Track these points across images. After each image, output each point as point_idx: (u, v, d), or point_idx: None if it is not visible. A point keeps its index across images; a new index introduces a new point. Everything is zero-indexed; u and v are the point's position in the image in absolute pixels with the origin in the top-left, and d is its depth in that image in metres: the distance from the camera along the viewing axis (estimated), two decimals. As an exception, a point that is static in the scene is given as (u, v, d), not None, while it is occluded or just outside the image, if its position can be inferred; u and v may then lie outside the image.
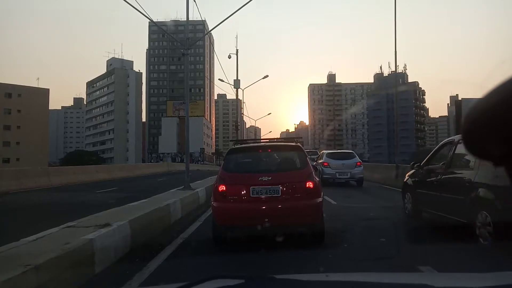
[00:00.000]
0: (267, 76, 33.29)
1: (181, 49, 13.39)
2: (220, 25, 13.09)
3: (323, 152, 17.99)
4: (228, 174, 5.68)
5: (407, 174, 8.70)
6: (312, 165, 5.94)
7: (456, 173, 6.38)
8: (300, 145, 6.28)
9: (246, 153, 6.44)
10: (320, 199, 5.47)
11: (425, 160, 7.72)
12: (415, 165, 8.07)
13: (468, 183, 5.74)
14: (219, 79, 34.22)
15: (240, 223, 5.44)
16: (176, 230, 6.80)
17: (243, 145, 7.04)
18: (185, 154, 12.65)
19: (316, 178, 5.62)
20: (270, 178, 5.40)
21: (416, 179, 7.93)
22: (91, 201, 11.79)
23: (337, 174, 15.60)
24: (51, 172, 18.96)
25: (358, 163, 15.95)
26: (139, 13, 11.30)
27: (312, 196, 5.41)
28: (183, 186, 11.37)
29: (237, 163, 6.05)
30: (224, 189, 5.45)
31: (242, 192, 5.38)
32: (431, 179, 7.14)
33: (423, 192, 7.39)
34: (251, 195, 5.34)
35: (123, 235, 5.08)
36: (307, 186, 5.42)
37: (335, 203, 10.25)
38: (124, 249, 5.03)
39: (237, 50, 29.71)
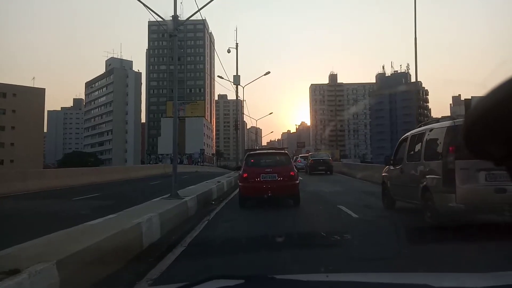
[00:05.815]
0: (268, 72, 31.42)
1: (169, 32, 11.46)
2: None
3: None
4: (248, 167, 10.21)
5: (383, 170, 9.85)
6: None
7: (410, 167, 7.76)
8: (287, 152, 11.90)
9: (257, 156, 11.23)
10: (297, 181, 10.02)
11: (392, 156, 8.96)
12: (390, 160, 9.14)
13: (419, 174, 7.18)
14: (218, 76, 32.26)
15: (255, 194, 9.86)
16: (144, 262, 4.81)
17: (255, 152, 12.56)
18: (173, 156, 10.73)
19: (295, 170, 10.36)
20: (271, 170, 9.94)
21: (387, 174, 9.25)
22: (59, 212, 9.83)
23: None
24: (29, 176, 16.98)
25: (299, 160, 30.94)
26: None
27: (293, 180, 9.91)
28: (169, 194, 9.42)
29: (252, 161, 10.58)
30: (246, 175, 9.97)
31: (256, 178, 9.85)
32: (396, 172, 8.48)
33: (393, 184, 8.73)
34: (261, 179, 9.81)
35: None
36: (291, 174, 9.94)
37: (356, 216, 8.33)
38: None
39: (236, 44, 27.88)
